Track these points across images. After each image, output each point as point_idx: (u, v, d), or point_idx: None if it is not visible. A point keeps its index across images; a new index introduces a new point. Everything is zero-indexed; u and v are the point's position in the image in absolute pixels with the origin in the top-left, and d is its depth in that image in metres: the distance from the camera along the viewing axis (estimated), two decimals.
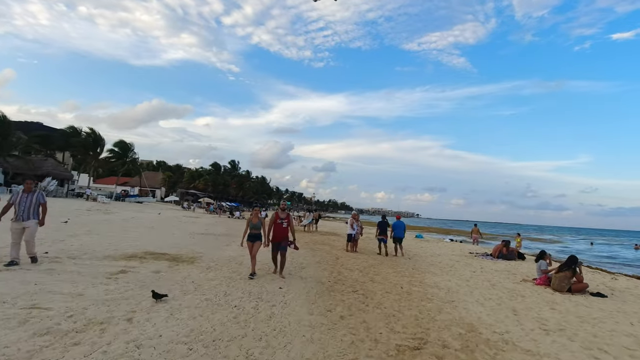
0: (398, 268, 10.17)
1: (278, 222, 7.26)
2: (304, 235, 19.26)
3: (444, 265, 11.41)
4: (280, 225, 7.26)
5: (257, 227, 7.29)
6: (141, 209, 32.91)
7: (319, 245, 14.94)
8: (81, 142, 42.05)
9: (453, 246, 18.63)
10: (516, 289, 7.76)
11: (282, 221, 7.27)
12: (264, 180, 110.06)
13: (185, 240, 12.38)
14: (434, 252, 15.13)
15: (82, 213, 21.13)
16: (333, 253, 12.35)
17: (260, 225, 7.30)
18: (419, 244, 19.00)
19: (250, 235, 7.32)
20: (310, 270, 8.54)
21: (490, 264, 12.02)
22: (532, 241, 42.25)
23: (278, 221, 7.26)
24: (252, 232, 7.31)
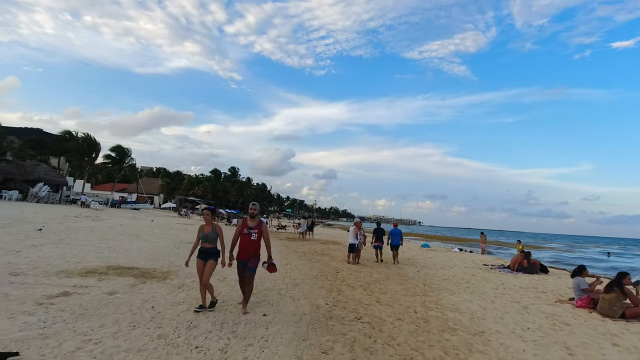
0: (407, 284, 8.82)
1: (244, 232, 5.19)
2: (302, 244, 17.91)
3: (459, 280, 10.04)
4: (248, 237, 5.18)
5: (211, 239, 5.13)
6: (135, 216, 31.66)
7: (318, 255, 13.59)
8: (75, 146, 40.92)
9: (463, 256, 17.24)
10: (555, 313, 6.39)
11: (251, 231, 5.17)
12: (265, 187, 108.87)
13: (167, 250, 11.07)
14: (445, 264, 13.75)
15: (67, 220, 19.87)
16: (333, 265, 11.01)
17: (216, 237, 5.16)
18: (426, 254, 17.61)
19: (201, 251, 5.15)
20: (305, 288, 7.21)
21: (510, 278, 10.64)
22: (538, 249, 40.60)
23: (244, 231, 5.19)
24: (204, 247, 5.14)
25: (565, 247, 55.44)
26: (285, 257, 12.16)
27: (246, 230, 5.20)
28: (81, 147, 41.32)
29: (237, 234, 5.28)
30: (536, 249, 43.57)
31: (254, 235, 5.22)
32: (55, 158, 46.43)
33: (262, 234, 5.28)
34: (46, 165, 39.39)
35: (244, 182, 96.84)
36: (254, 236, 5.22)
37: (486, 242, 21.49)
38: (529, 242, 65.87)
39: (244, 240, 5.23)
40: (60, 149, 42.17)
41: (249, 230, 5.20)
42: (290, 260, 11.36)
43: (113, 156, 48.81)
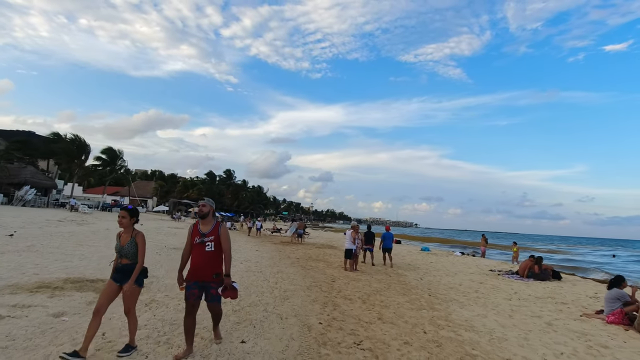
0: (410, 294, 7.93)
1: (196, 242, 3.69)
2: (296, 249, 16.98)
3: (467, 289, 9.16)
4: (201, 248, 3.66)
5: (129, 254, 3.56)
6: None
7: (313, 261, 12.67)
8: (63, 148, 39.72)
9: (466, 261, 16.38)
10: (585, 331, 5.52)
11: (204, 240, 3.66)
12: (261, 189, 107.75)
13: (148, 257, 10.08)
14: (448, 270, 12.87)
15: (49, 224, 18.81)
16: (328, 273, 10.09)
17: (135, 249, 3.58)
18: (427, 259, 16.73)
19: (117, 270, 3.61)
20: (296, 302, 6.28)
21: (522, 286, 9.77)
22: (534, 252, 39.89)
23: (196, 240, 3.69)
24: (120, 264, 3.60)
25: (563, 249, 54.88)
26: (277, 264, 11.23)
27: (198, 239, 3.68)
28: (69, 148, 40.16)
29: (187, 246, 3.83)
30: (535, 251, 42.92)
31: (210, 245, 3.65)
32: (44, 161, 45.18)
33: (220, 242, 3.72)
34: (33, 168, 38.18)
35: (239, 184, 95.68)
36: (209, 246, 3.65)
37: (487, 245, 20.65)
38: (526, 244, 65.34)
39: (197, 253, 3.68)
40: (48, 151, 40.96)
41: (202, 239, 3.66)
42: (282, 267, 10.44)
43: (104, 158, 47.65)
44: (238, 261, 11.10)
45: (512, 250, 19.38)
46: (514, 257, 18.68)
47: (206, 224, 3.77)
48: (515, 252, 18.78)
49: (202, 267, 3.66)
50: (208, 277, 3.68)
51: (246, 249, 15.31)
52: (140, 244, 3.64)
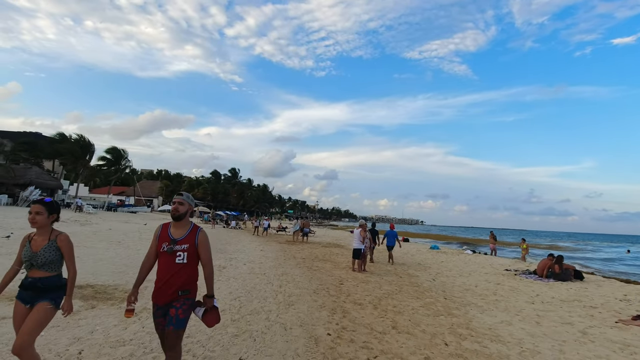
0: (425, 297, 7.37)
1: (164, 249, 2.73)
2: (302, 248, 16.47)
3: (484, 291, 8.58)
4: (170, 258, 2.72)
5: (45, 262, 2.65)
6: (129, 220, 30.36)
7: (319, 261, 12.14)
8: (68, 148, 39.62)
9: (478, 260, 15.74)
10: (627, 341, 4.91)
11: (175, 248, 2.72)
12: (266, 188, 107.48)
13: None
14: (461, 269, 12.27)
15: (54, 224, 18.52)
16: (336, 274, 9.56)
17: (55, 256, 2.70)
18: (438, 258, 16.13)
19: (24, 286, 2.64)
20: (301, 309, 5.76)
21: (543, 287, 9.15)
22: (544, 249, 38.96)
23: (164, 247, 2.74)
24: (29, 277, 2.65)
25: (576, 246, 53.75)
26: (282, 265, 10.72)
27: (167, 246, 2.71)
28: (74, 148, 40.02)
29: (150, 252, 2.86)
30: (545, 249, 41.97)
31: (182, 256, 2.70)
32: (49, 161, 45.21)
33: (198, 252, 2.78)
34: (38, 169, 38.12)
35: (244, 183, 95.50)
36: (181, 257, 2.69)
37: (496, 243, 19.94)
38: (533, 240, 64.25)
39: (163, 264, 2.74)
40: (53, 152, 40.91)
41: (172, 246, 2.70)
42: (287, 269, 9.93)
43: (109, 158, 47.53)
44: (241, 262, 10.62)
45: (520, 247, 18.73)
46: (523, 254, 18.10)
47: (180, 227, 2.79)
48: (524, 249, 18.15)
49: (169, 284, 2.67)
50: (172, 296, 2.69)
51: (250, 249, 14.84)
52: (66, 247, 2.73)
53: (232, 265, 9.76)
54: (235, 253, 12.90)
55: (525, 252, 18.06)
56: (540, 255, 28.00)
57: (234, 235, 23.39)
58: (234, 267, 9.59)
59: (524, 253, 17.97)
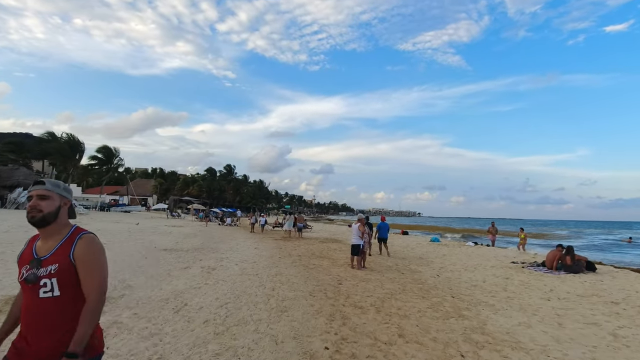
0: (431, 297, 6.79)
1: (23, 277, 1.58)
2: (298, 245, 15.85)
3: (493, 286, 8.01)
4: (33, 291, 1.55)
5: None
6: (121, 219, 29.59)
7: (316, 259, 11.53)
8: (56, 147, 38.61)
9: (482, 252, 15.21)
10: None
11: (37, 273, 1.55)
12: (262, 184, 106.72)
13: (131, 261, 8.98)
14: (465, 263, 11.71)
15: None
16: (334, 273, 8.94)
17: None
18: (439, 251, 15.58)
19: None
20: (295, 315, 5.13)
21: (555, 281, 8.60)
22: (547, 239, 38.72)
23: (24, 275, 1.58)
24: None
25: (571, 234, 53.69)
26: (276, 264, 10.10)
27: (27, 272, 1.59)
28: (62, 148, 39.02)
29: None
30: (543, 238, 41.75)
31: (49, 285, 1.55)
32: (39, 162, 44.16)
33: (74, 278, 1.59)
34: (26, 169, 37.12)
35: (240, 179, 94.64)
36: (47, 287, 1.55)
37: (497, 234, 19.42)
38: (531, 230, 64.30)
39: (25, 302, 1.60)
40: (42, 152, 39.89)
41: (35, 270, 1.57)
42: (281, 268, 9.30)
43: (100, 157, 46.58)
44: (233, 262, 9.98)
45: (519, 237, 18.37)
46: (521, 244, 17.79)
47: (49, 238, 1.67)
48: (522, 238, 17.80)
49: (35, 338, 1.55)
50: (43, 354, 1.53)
51: (244, 247, 14.20)
52: None
53: (223, 266, 9.11)
54: (227, 252, 12.25)
55: (524, 242, 17.72)
56: (540, 246, 27.65)
57: (229, 233, 22.73)
58: (225, 268, 8.94)
59: (521, 243, 17.64)
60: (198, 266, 8.91)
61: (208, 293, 6.20)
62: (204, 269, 8.51)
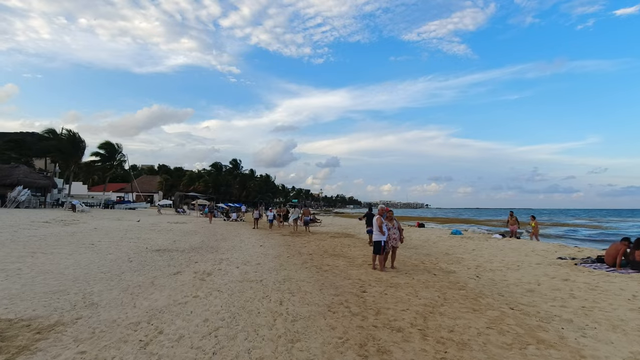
0: (483, 308, 5.24)
1: None
2: (307, 241, 14.35)
3: (554, 291, 6.43)
4: None
5: None
6: (123, 217, 28.49)
7: (330, 258, 10.02)
8: (56, 145, 37.53)
9: (515, 246, 13.55)
10: None
11: None
12: (268, 178, 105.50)
13: (109, 267, 7.57)
14: (504, 260, 10.11)
15: (31, 227, 16.62)
16: (354, 276, 7.43)
17: None
18: (465, 245, 13.98)
19: None
20: (312, 347, 3.63)
21: (630, 282, 6.97)
22: (563, 226, 36.72)
23: None
24: None
25: (592, 223, 51.45)
26: (284, 265, 8.61)
27: None
28: (63, 145, 37.93)
29: None
30: (562, 226, 39.76)
31: None
32: (41, 159, 43.27)
33: None
34: (26, 167, 36.11)
35: (246, 174, 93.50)
36: None
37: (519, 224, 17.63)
38: (540, 219, 62.08)
39: None
40: (42, 149, 38.90)
41: None
42: (290, 272, 7.81)
43: (102, 154, 45.52)
44: (234, 264, 8.53)
45: (530, 225, 16.90)
46: (533, 234, 16.37)
47: None
48: (533, 227, 16.38)
49: None
50: None
51: (249, 245, 12.76)
52: None
53: (221, 270, 7.65)
54: (229, 252, 10.81)
55: (535, 231, 16.30)
56: (559, 237, 25.82)
57: (233, 229, 21.35)
58: (223, 272, 7.48)
59: (533, 232, 16.26)
60: (191, 271, 7.46)
61: (196, 311, 4.73)
62: (197, 275, 7.06)
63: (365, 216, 14.03)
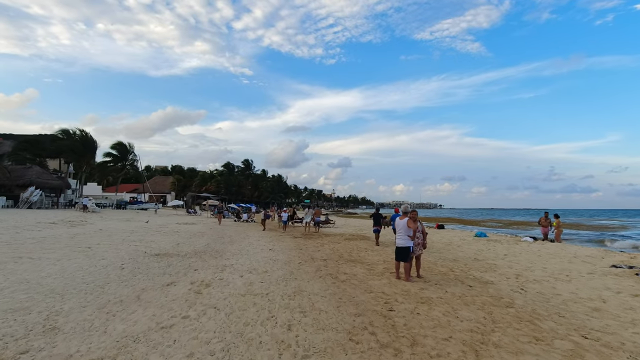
0: (547, 336, 4.08)
1: None
2: (321, 244, 13.26)
3: (628, 311, 5.19)
4: None
5: None
6: (132, 217, 28.05)
7: (346, 264, 8.92)
8: (69, 145, 37.48)
9: (553, 251, 12.17)
10: None
11: None
12: (280, 178, 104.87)
13: (95, 277, 6.65)
14: (547, 269, 8.81)
15: (35, 227, 16.10)
16: (376, 288, 6.31)
17: None
18: (495, 250, 12.67)
19: None
20: None
21: None
22: (589, 230, 34.56)
23: None
24: None
25: (620, 224, 48.74)
26: (294, 273, 7.55)
27: None
28: (75, 145, 37.88)
29: None
30: (594, 229, 37.59)
31: None
32: (54, 160, 43.47)
33: None
34: (39, 168, 36.15)
35: (259, 174, 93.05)
36: None
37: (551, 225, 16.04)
38: (571, 219, 59.31)
39: None
40: (56, 149, 38.96)
41: None
42: (302, 282, 6.74)
43: (114, 154, 45.48)
44: (238, 272, 7.52)
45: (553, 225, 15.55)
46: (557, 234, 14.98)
47: None
48: (557, 227, 15.05)
49: None
50: None
51: (257, 249, 11.76)
52: None
53: (223, 280, 6.65)
54: (234, 257, 9.82)
55: (559, 230, 14.93)
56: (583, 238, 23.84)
57: (242, 231, 20.44)
58: (225, 282, 6.47)
59: (557, 232, 14.91)
60: (187, 281, 6.48)
61: (181, 340, 3.71)
62: (194, 286, 6.07)
63: (372, 216, 13.92)
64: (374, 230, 13.53)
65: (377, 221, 13.45)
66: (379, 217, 13.49)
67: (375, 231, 13.46)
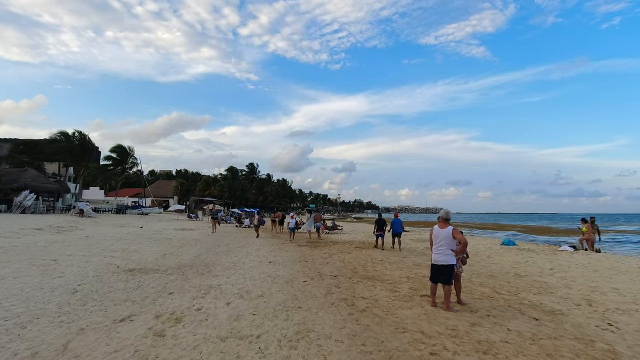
0: None
1: None
2: (330, 255, 11.48)
3: None
4: None
5: None
6: (129, 223, 26.50)
7: (361, 281, 7.13)
8: (66, 148, 36.20)
9: (608, 263, 10.28)
10: None
11: None
12: (285, 182, 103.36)
13: (34, 304, 4.97)
14: (621, 291, 6.96)
15: (15, 235, 14.57)
16: (408, 324, 4.53)
17: None
18: (536, 262, 10.79)
19: None
20: None
21: None
22: (616, 234, 32.26)
23: None
24: None
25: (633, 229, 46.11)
26: (298, 299, 5.79)
27: None
28: (73, 148, 36.60)
29: None
30: (613, 233, 35.32)
31: None
32: (53, 164, 42.29)
33: None
34: (35, 171, 34.85)
35: (263, 179, 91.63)
36: None
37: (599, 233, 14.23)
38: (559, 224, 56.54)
39: None
40: (53, 152, 37.74)
41: None
42: (308, 314, 4.97)
43: (114, 157, 44.21)
44: (224, 298, 5.78)
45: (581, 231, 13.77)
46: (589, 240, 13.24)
47: None
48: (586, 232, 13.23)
49: None
50: None
51: (255, 262, 10.01)
52: None
53: (201, 312, 4.91)
54: (226, 273, 8.09)
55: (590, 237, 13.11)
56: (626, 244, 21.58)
57: (243, 238, 18.72)
58: (203, 316, 4.73)
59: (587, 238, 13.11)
60: (153, 313, 4.75)
61: None
62: (158, 323, 4.34)
63: (376, 222, 14.19)
64: (378, 235, 14.05)
65: (381, 227, 13.98)
66: (382, 223, 14.02)
67: (379, 236, 14.01)
